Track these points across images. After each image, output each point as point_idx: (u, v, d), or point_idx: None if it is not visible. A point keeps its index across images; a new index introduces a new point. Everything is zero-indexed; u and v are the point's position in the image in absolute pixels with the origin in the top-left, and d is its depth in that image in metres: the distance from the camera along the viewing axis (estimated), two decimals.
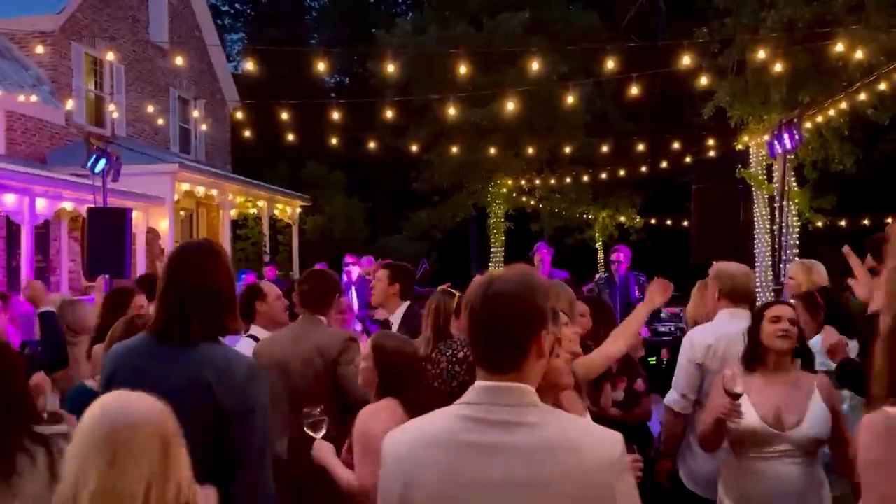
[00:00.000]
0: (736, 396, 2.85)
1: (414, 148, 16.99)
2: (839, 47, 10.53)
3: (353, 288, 8.97)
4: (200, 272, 2.16)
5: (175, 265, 2.20)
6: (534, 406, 1.52)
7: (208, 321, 2.14)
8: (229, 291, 2.23)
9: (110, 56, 13.24)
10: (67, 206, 11.48)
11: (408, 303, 4.41)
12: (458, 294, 3.82)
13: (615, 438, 1.51)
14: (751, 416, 2.89)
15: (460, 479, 1.49)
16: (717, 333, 3.55)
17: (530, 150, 17.79)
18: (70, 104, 13.37)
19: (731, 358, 3.38)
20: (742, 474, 2.97)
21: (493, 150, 17.44)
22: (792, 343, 3.02)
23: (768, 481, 2.88)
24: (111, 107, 14.67)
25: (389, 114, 13.56)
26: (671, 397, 3.61)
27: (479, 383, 1.55)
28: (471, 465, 1.49)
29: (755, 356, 3.07)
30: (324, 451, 2.79)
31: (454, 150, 16.88)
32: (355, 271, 9.28)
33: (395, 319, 4.38)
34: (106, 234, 7.70)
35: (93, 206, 8.44)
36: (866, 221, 16.38)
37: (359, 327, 5.90)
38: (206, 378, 2.04)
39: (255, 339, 3.82)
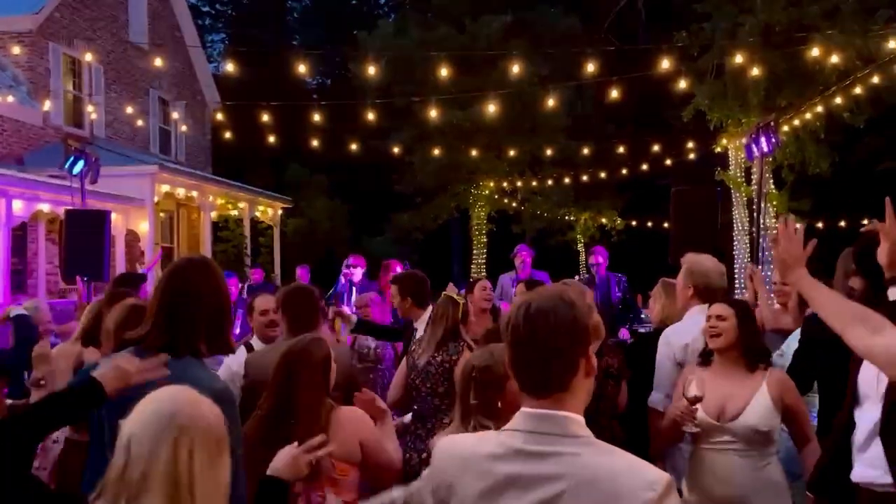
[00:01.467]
0: (693, 401, 2.94)
1: (396, 150, 16.97)
2: (815, 52, 10.69)
3: (356, 290, 8.54)
4: (207, 287, 2.15)
5: (179, 279, 2.17)
6: (575, 437, 1.46)
7: (214, 337, 2.15)
8: (229, 307, 2.25)
9: (89, 56, 13.12)
10: (45, 207, 11.35)
11: (430, 308, 4.48)
12: (461, 299, 3.97)
13: (652, 480, 1.38)
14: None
15: None
16: (693, 332, 3.59)
17: (512, 153, 17.84)
18: (48, 105, 13.23)
19: None
20: (696, 465, 3.10)
21: (475, 153, 17.48)
22: (722, 342, 3.11)
23: (716, 471, 3.00)
24: (90, 108, 14.54)
25: (371, 116, 13.55)
26: (655, 397, 3.66)
27: (523, 409, 1.52)
28: (502, 496, 1.49)
29: (706, 353, 3.24)
30: None
31: (436, 152, 16.89)
32: (358, 273, 8.79)
33: (420, 326, 4.47)
34: (84, 236, 7.63)
35: (71, 207, 8.37)
36: (842, 223, 16.62)
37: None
38: None
39: (249, 346, 3.86)
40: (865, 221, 15.02)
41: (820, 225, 16.57)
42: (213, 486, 1.43)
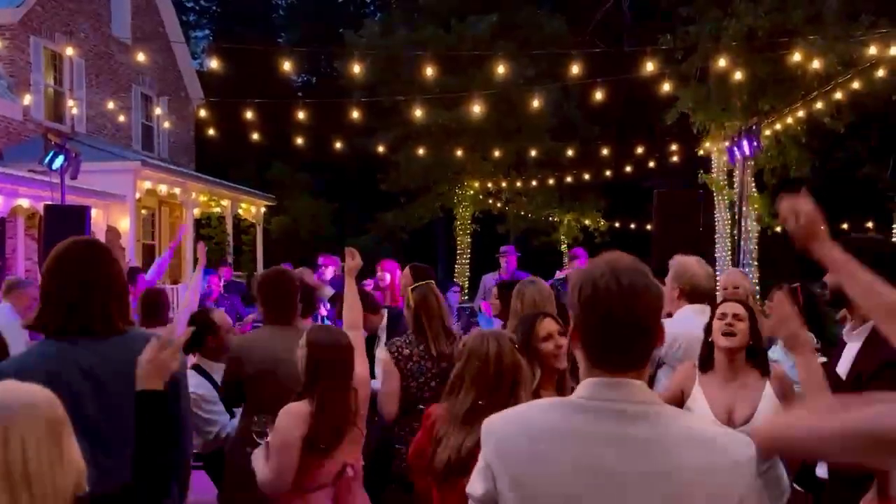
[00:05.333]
0: None
1: (381, 149, 16.94)
2: (797, 56, 10.79)
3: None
4: (107, 267, 2.21)
5: (81, 260, 2.19)
6: (653, 403, 1.44)
7: (124, 313, 2.23)
8: (125, 286, 2.32)
9: (70, 51, 12.98)
10: (24, 203, 11.23)
11: (385, 312, 4.66)
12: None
13: (745, 440, 1.44)
14: (706, 414, 2.96)
15: (588, 472, 1.39)
16: (682, 328, 3.59)
17: (497, 153, 17.86)
18: (28, 99, 13.07)
19: (693, 354, 3.45)
20: None
21: (460, 153, 17.48)
22: (737, 341, 3.02)
23: None
24: (70, 102, 14.37)
25: (357, 114, 13.51)
26: None
27: (594, 379, 1.44)
28: (598, 457, 1.39)
29: (709, 356, 3.13)
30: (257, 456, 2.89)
31: (421, 151, 16.88)
32: (329, 272, 9.06)
33: (382, 333, 4.56)
34: (64, 232, 7.48)
35: (50, 203, 8.27)
36: (822, 228, 16.76)
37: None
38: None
39: (202, 370, 3.70)
40: (846, 226, 15.22)
41: None
42: (56, 469, 1.45)
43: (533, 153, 17.57)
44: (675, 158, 15.40)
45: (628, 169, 16.84)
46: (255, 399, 3.35)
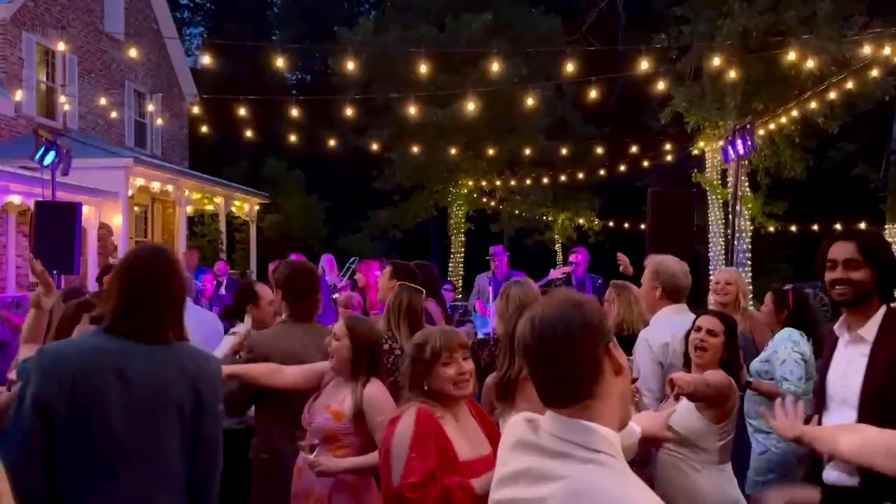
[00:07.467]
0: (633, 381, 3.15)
1: (375, 147, 16.90)
2: (791, 56, 10.82)
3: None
4: (174, 277, 2.25)
5: (150, 267, 2.22)
6: (593, 451, 1.36)
7: (177, 324, 2.24)
8: (184, 300, 2.33)
9: (62, 46, 12.89)
10: (15, 199, 11.15)
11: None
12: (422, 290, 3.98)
13: None
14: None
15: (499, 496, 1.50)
16: (671, 331, 3.60)
17: (491, 152, 17.86)
18: (19, 95, 12.97)
19: (681, 354, 3.48)
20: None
21: (454, 151, 17.46)
22: (707, 357, 3.09)
23: (657, 470, 3.08)
24: (62, 98, 14.26)
25: (350, 112, 13.47)
26: (646, 400, 3.56)
27: (549, 411, 1.44)
28: (506, 489, 1.47)
29: (688, 363, 3.22)
30: (331, 460, 2.84)
31: (415, 149, 16.85)
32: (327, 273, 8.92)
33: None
34: (54, 228, 7.48)
35: (41, 199, 8.21)
36: (815, 227, 16.84)
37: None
38: (190, 372, 2.15)
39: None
40: (838, 226, 15.27)
41: (794, 228, 16.79)
42: None
43: (527, 152, 17.57)
44: (668, 158, 15.40)
45: (622, 168, 16.84)
46: (276, 401, 3.24)
